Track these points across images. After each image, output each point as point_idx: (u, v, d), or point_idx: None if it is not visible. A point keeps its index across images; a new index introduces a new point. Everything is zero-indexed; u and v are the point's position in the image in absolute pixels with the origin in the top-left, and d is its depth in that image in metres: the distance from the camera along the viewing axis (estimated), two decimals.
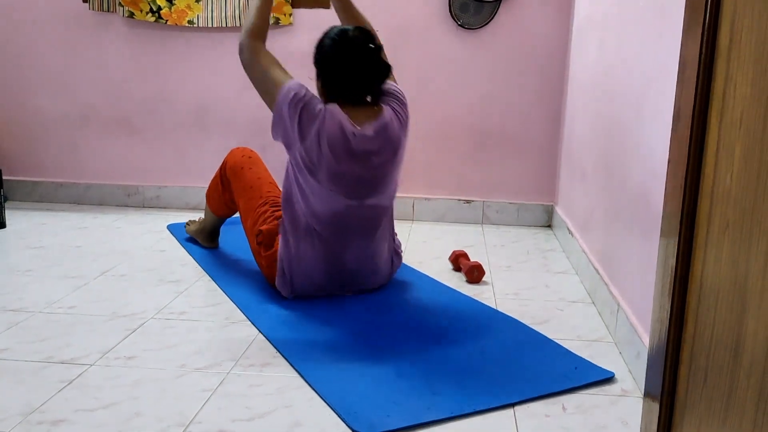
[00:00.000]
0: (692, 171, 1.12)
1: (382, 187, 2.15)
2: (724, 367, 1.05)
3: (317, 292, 2.20)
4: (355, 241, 2.16)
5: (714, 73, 1.05)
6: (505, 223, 3.44)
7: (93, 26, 3.45)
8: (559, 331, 2.04)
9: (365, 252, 2.19)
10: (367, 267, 2.21)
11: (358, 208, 2.11)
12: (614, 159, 2.18)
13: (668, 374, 1.33)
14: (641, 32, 1.91)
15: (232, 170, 2.48)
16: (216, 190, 2.58)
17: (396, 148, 2.13)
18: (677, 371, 1.30)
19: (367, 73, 2.09)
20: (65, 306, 2.12)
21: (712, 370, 1.11)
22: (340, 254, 2.15)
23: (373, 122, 2.08)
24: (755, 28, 0.91)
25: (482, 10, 3.24)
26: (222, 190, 2.54)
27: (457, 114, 3.37)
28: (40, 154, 3.61)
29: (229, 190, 2.51)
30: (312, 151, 2.03)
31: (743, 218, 0.94)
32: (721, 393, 1.06)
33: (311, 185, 2.07)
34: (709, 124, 1.07)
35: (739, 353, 0.99)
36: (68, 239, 2.90)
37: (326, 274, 2.17)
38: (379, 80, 2.13)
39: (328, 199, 2.07)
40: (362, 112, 2.10)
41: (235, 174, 2.46)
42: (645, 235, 1.78)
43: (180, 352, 1.82)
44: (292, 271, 2.15)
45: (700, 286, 1.16)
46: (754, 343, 0.93)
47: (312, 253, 2.13)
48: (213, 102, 3.47)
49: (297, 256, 2.14)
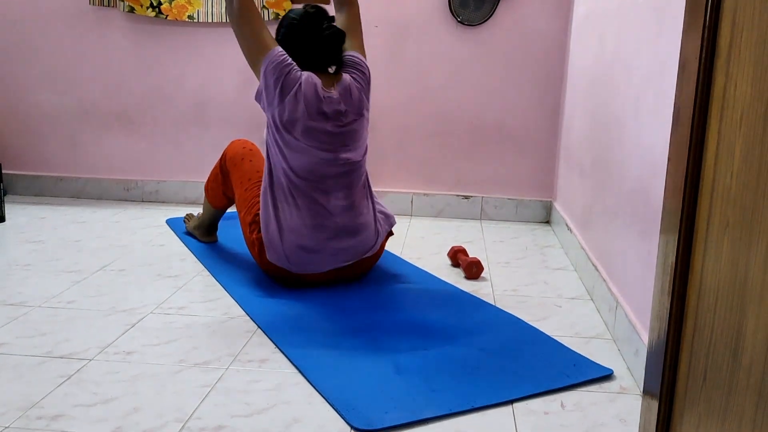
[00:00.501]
0: (692, 170, 1.12)
1: (351, 142, 2.29)
2: (724, 366, 1.05)
3: (310, 256, 2.22)
4: (335, 193, 2.25)
5: (714, 72, 1.05)
6: (504, 218, 3.44)
7: (94, 21, 3.44)
8: (557, 327, 2.04)
9: (346, 202, 2.27)
10: (352, 221, 2.27)
11: (332, 162, 2.25)
12: (613, 156, 2.18)
13: (668, 372, 1.33)
14: (640, 29, 1.91)
15: (232, 161, 2.50)
16: (215, 181, 2.59)
17: (360, 108, 2.30)
18: (677, 369, 1.31)
19: (320, 45, 2.28)
20: (64, 300, 2.12)
21: (711, 369, 1.11)
22: (323, 206, 2.23)
23: (337, 86, 2.27)
24: (755, 27, 0.90)
25: (482, 7, 3.23)
26: (221, 181, 2.56)
27: (456, 110, 3.37)
28: (39, 149, 3.60)
29: (228, 181, 2.53)
30: (290, 109, 2.18)
31: (743, 217, 0.94)
32: (720, 392, 1.06)
33: (288, 141, 2.20)
34: (709, 123, 1.07)
35: (738, 353, 0.99)
36: (67, 233, 2.90)
37: (313, 230, 2.22)
38: (330, 55, 2.32)
39: (305, 153, 2.21)
40: (327, 79, 2.28)
41: (235, 164, 2.48)
42: (644, 233, 1.78)
43: (179, 347, 1.82)
44: (282, 235, 2.20)
45: (700, 285, 1.16)
46: (754, 343, 0.93)
47: (297, 213, 2.21)
48: (212, 97, 3.47)
49: (283, 218, 2.21)
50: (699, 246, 1.14)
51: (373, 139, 3.39)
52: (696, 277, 1.17)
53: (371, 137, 3.38)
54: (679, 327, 1.26)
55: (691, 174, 1.12)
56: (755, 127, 0.89)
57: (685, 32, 1.13)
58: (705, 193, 1.09)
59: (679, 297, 1.25)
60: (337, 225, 2.24)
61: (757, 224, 0.89)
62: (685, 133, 1.13)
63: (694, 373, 1.20)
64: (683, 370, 1.27)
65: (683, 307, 1.24)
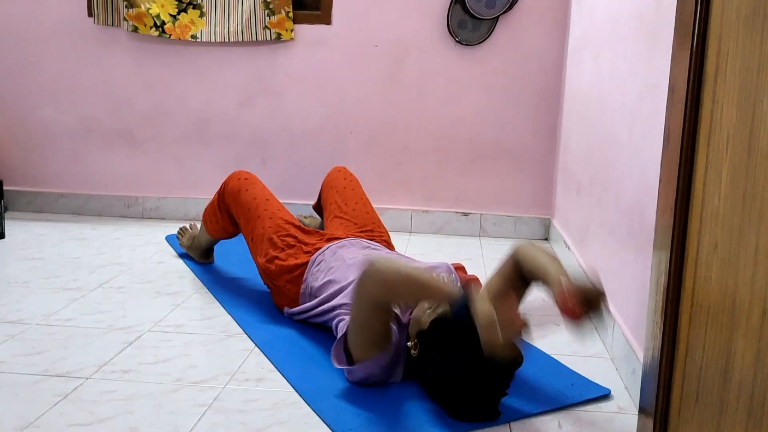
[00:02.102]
0: (682, 191, 1.13)
1: None
2: (715, 386, 1.06)
3: None
4: None
5: (702, 96, 1.06)
6: (503, 235, 3.45)
7: (97, 40, 3.47)
8: (555, 346, 2.04)
9: None
10: None
11: None
12: (608, 174, 2.19)
13: (662, 393, 1.34)
14: (633, 51, 1.93)
15: (231, 194, 2.46)
16: (213, 215, 2.56)
17: None
18: (671, 389, 1.31)
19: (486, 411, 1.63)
20: (62, 318, 2.13)
21: (703, 390, 1.11)
22: None
23: None
24: (740, 54, 0.92)
25: (480, 27, 3.26)
26: (220, 215, 2.52)
27: (454, 128, 3.39)
28: (41, 165, 3.63)
29: (228, 215, 2.50)
30: None
31: (731, 239, 0.95)
32: (712, 413, 1.07)
33: None
34: (697, 146, 1.09)
35: (729, 373, 1.00)
36: (67, 250, 2.91)
37: None
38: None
39: None
40: None
41: (234, 197, 2.44)
42: (639, 251, 1.79)
43: (176, 365, 1.82)
44: None
45: (692, 305, 1.17)
46: (743, 364, 0.94)
47: None
48: (214, 115, 3.49)
49: None
50: (690, 266, 1.15)
51: (373, 156, 3.41)
52: (688, 296, 1.18)
53: (371, 155, 3.41)
54: (673, 347, 1.27)
55: (681, 195, 1.13)
56: (740, 151, 0.91)
57: (674, 57, 1.15)
58: (695, 214, 1.10)
59: (672, 317, 1.25)
60: None
61: (744, 246, 0.90)
62: (674, 155, 1.15)
63: (687, 393, 1.21)
64: (677, 390, 1.28)
65: (676, 326, 1.25)
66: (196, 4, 3.36)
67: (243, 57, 3.41)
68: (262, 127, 3.46)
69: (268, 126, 3.45)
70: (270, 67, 3.41)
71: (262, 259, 2.23)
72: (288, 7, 3.30)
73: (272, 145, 3.47)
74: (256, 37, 3.33)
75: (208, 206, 2.60)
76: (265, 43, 3.38)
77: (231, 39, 3.36)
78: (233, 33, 3.35)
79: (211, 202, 2.58)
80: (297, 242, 2.22)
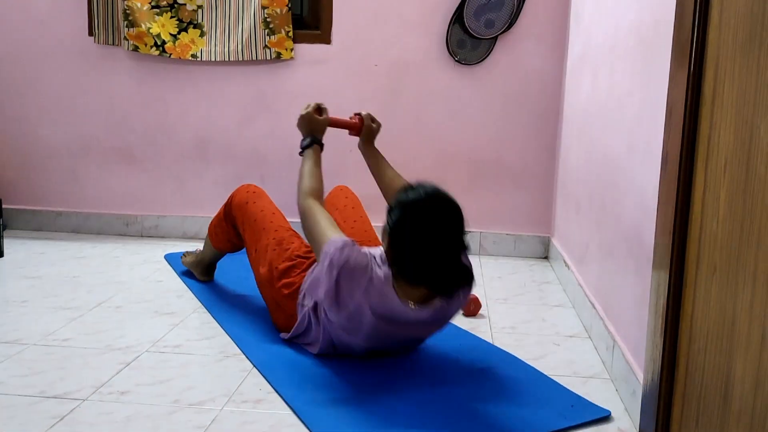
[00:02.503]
0: (680, 214, 1.13)
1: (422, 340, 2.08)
2: (715, 411, 1.05)
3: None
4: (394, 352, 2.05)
5: (699, 119, 1.06)
6: (502, 254, 3.44)
7: (98, 59, 3.49)
8: (555, 366, 2.04)
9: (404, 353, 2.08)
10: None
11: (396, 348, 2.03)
12: (607, 193, 2.19)
13: (662, 416, 1.33)
14: (631, 71, 1.94)
15: (238, 205, 2.47)
16: (219, 226, 2.57)
17: (448, 321, 2.00)
18: (670, 413, 1.30)
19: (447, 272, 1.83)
20: (60, 338, 2.12)
21: (703, 414, 1.11)
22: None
23: (430, 307, 1.87)
24: (737, 79, 0.92)
25: (479, 47, 3.28)
26: (226, 227, 2.53)
27: (454, 146, 3.39)
28: (40, 183, 3.63)
29: (233, 227, 2.51)
30: (353, 318, 1.84)
31: (729, 263, 0.95)
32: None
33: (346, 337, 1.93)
34: (695, 169, 1.09)
35: (728, 397, 0.99)
36: (65, 269, 2.91)
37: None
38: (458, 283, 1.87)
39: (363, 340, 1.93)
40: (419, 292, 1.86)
41: (241, 209, 2.46)
42: (638, 271, 1.78)
43: (173, 386, 1.81)
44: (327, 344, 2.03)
45: (691, 328, 1.16)
46: (743, 388, 0.94)
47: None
48: (213, 133, 3.50)
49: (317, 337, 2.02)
50: (689, 289, 1.14)
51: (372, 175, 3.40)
52: (687, 319, 1.17)
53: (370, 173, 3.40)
54: (672, 369, 1.26)
55: (679, 218, 1.13)
56: (738, 175, 0.91)
57: (672, 79, 1.15)
58: (693, 237, 1.10)
59: (672, 339, 1.25)
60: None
61: (743, 271, 0.90)
62: (673, 178, 1.15)
63: (688, 416, 1.20)
64: (677, 413, 1.27)
65: (675, 349, 1.24)
66: (196, 23, 3.38)
67: (243, 76, 3.42)
68: (261, 145, 3.47)
69: (268, 144, 3.46)
70: (270, 86, 3.43)
71: (264, 269, 2.22)
72: (288, 27, 3.31)
73: (272, 163, 3.47)
74: (256, 56, 3.35)
75: (214, 219, 2.62)
76: (265, 62, 3.39)
77: (231, 58, 3.37)
78: (233, 52, 3.37)
79: (217, 214, 2.59)
80: (299, 256, 2.22)
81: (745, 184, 0.89)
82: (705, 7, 1.02)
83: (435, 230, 1.80)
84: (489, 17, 3.21)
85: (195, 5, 3.36)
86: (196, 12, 3.37)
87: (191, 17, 3.38)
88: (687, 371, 1.19)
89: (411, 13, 3.31)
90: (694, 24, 1.09)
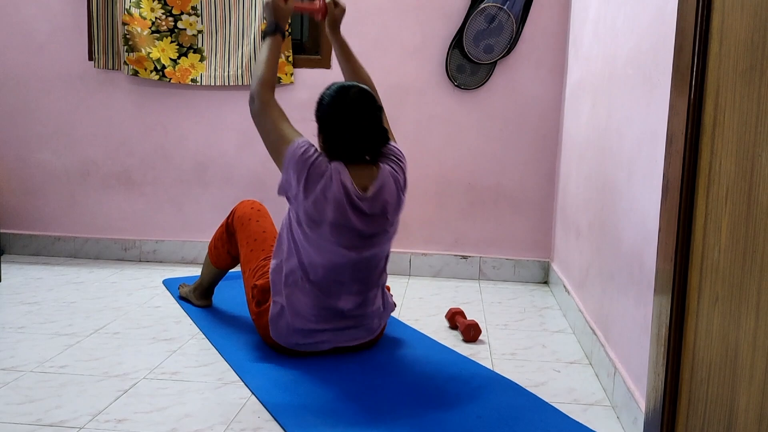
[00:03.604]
0: (682, 242, 1.13)
1: (381, 241, 2.20)
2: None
3: (314, 338, 2.18)
4: (348, 287, 2.18)
5: (700, 148, 1.06)
6: (502, 279, 3.43)
7: (98, 83, 3.50)
8: (555, 393, 2.02)
9: (358, 298, 2.21)
10: (360, 312, 2.22)
11: (356, 259, 2.16)
12: (607, 219, 2.19)
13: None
14: (631, 97, 1.94)
15: (240, 220, 2.49)
16: (220, 239, 2.58)
17: (395, 208, 2.19)
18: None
19: (365, 135, 2.13)
20: (57, 365, 2.10)
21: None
22: (335, 299, 2.17)
23: (373, 183, 2.13)
24: (737, 108, 0.92)
25: (478, 72, 3.29)
26: (226, 239, 2.55)
27: (454, 171, 3.40)
28: (38, 208, 3.63)
29: (233, 240, 2.52)
30: (317, 206, 2.07)
31: (731, 293, 0.94)
32: None
33: (312, 238, 2.11)
34: (696, 197, 1.08)
35: (732, 430, 0.98)
36: (63, 294, 2.89)
37: (320, 318, 2.17)
38: (377, 143, 2.18)
39: (329, 250, 2.12)
40: (363, 172, 2.14)
41: (242, 224, 2.47)
42: (639, 298, 1.78)
43: (171, 414, 1.79)
44: (288, 318, 2.15)
45: (693, 357, 1.15)
46: (746, 421, 0.92)
47: (306, 301, 2.15)
48: (213, 158, 3.50)
49: (290, 303, 2.15)
50: (691, 318, 1.13)
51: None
52: (689, 348, 1.16)
53: None
54: (675, 399, 1.25)
55: (680, 247, 1.12)
56: (740, 205, 0.90)
57: (672, 107, 1.15)
58: (695, 266, 1.09)
59: (674, 368, 1.24)
60: (345, 316, 2.20)
61: (745, 301, 0.89)
62: (674, 206, 1.14)
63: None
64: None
65: (678, 379, 1.23)
66: (196, 48, 3.40)
67: (242, 100, 3.43)
68: (260, 169, 3.47)
69: (267, 169, 3.46)
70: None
71: (261, 281, 2.23)
72: (288, 51, 3.33)
73: (270, 187, 3.46)
74: None
75: (214, 235, 2.64)
76: None
77: (231, 82, 3.39)
78: (233, 76, 3.38)
79: (218, 229, 2.63)
80: None
81: (747, 213, 0.89)
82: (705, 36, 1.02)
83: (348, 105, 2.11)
84: (488, 42, 3.23)
85: (195, 30, 3.38)
86: (197, 37, 3.39)
87: (191, 42, 3.40)
88: (690, 402, 1.17)
89: (411, 37, 3.33)
90: (694, 52, 1.09)
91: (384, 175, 2.16)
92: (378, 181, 2.14)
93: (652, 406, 1.32)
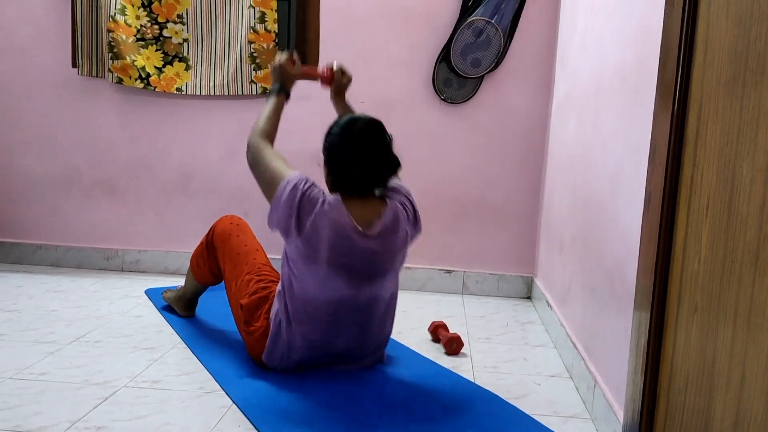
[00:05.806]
0: (663, 254, 1.14)
1: (381, 279, 2.13)
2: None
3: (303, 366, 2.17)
4: (348, 329, 2.12)
5: (682, 159, 1.08)
6: (486, 293, 3.44)
7: (82, 91, 3.49)
8: (536, 406, 2.02)
9: (356, 340, 2.15)
10: (357, 352, 2.18)
11: (355, 297, 2.08)
12: (591, 234, 2.20)
13: None
14: (616, 111, 1.97)
15: (220, 237, 2.47)
16: (201, 257, 2.56)
17: (402, 246, 2.13)
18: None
19: (372, 165, 2.09)
20: (36, 372, 2.08)
21: None
22: (332, 340, 2.12)
23: (379, 220, 2.07)
24: (720, 119, 0.94)
25: (465, 86, 3.32)
26: (207, 257, 2.52)
27: (439, 185, 3.41)
28: (20, 216, 3.60)
29: (214, 257, 2.50)
30: (311, 242, 2.00)
31: (710, 304, 0.95)
32: None
33: (309, 272, 2.03)
34: (678, 208, 1.10)
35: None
36: (44, 303, 2.87)
37: (315, 351, 2.13)
38: (387, 175, 2.15)
39: (327, 286, 2.04)
40: (368, 207, 2.08)
41: (223, 241, 2.45)
42: (620, 311, 1.79)
43: (151, 423, 1.78)
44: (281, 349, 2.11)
45: (671, 368, 1.16)
46: (722, 428, 0.93)
47: (302, 335, 2.09)
48: (197, 168, 3.49)
49: (288, 338, 2.09)
50: (670, 328, 1.14)
51: None
52: (667, 359, 1.17)
53: None
54: (652, 409, 1.26)
55: (661, 258, 1.14)
56: (720, 215, 0.92)
57: (655, 119, 1.17)
58: (675, 276, 1.10)
59: (652, 379, 1.25)
60: (342, 354, 2.16)
61: (723, 312, 0.90)
62: (655, 218, 1.16)
63: None
64: None
65: (656, 389, 1.24)
66: (182, 57, 3.40)
67: (228, 110, 3.43)
68: (245, 180, 3.45)
69: (252, 179, 3.43)
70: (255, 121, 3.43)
71: (245, 300, 2.20)
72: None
73: (255, 198, 3.46)
74: (241, 91, 3.37)
75: (196, 249, 2.60)
76: (251, 97, 3.41)
77: (217, 92, 3.39)
78: (219, 86, 3.38)
79: (198, 245, 2.58)
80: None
81: (727, 223, 0.90)
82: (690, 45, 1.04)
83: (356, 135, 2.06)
84: (476, 56, 3.26)
85: (181, 39, 3.38)
86: (182, 45, 3.39)
87: (177, 50, 3.39)
88: (667, 411, 1.18)
89: (397, 51, 3.35)
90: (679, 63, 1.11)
91: (392, 210, 2.10)
92: (385, 217, 2.08)
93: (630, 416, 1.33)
